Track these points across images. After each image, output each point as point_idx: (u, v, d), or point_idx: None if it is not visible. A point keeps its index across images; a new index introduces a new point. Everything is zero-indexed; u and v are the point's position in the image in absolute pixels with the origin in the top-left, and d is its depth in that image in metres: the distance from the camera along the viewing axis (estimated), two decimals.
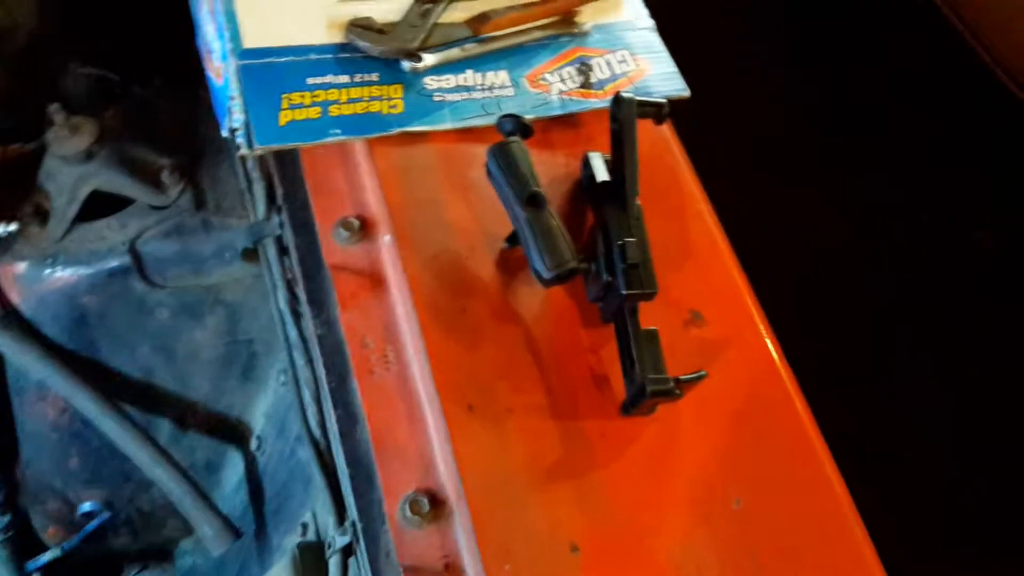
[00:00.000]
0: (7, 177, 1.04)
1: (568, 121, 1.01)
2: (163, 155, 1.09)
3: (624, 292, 0.82)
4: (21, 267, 1.04)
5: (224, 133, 0.99)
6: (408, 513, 0.80)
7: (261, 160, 1.07)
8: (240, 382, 1.19)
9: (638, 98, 0.92)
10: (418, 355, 0.87)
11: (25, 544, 1.20)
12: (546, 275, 0.82)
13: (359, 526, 0.83)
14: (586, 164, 0.94)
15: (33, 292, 1.05)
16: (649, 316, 0.84)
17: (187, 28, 1.10)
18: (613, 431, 0.83)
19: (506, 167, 0.87)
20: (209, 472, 1.23)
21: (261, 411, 1.20)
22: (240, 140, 0.91)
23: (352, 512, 0.85)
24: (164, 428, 1.17)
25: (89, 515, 1.23)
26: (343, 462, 0.87)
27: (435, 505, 0.81)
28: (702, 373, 0.78)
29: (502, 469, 0.80)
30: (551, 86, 1.02)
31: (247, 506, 1.19)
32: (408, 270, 0.90)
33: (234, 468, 1.22)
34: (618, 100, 0.91)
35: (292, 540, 1.07)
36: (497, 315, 0.89)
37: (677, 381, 0.79)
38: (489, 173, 0.89)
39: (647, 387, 0.78)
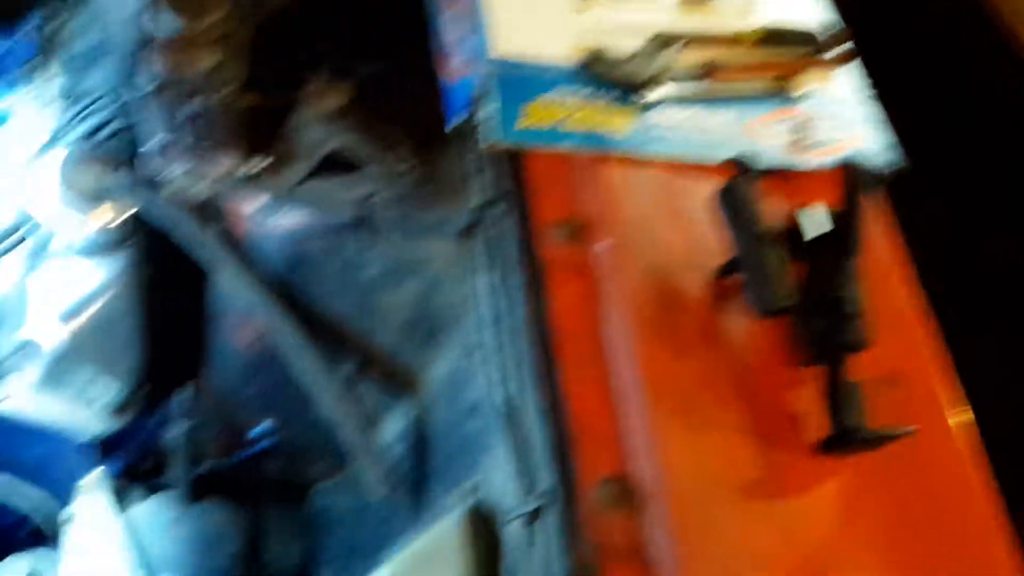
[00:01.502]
0: (261, 122, 1.14)
1: (775, 176, 1.08)
2: (400, 131, 1.18)
3: (837, 341, 0.88)
4: (253, 203, 1.14)
5: (451, 125, 1.09)
6: (605, 494, 0.88)
7: (488, 155, 1.16)
8: (421, 347, 1.27)
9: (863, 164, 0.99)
10: (627, 353, 0.95)
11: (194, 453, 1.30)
12: (765, 307, 0.90)
13: (554, 497, 0.91)
14: (803, 216, 1.01)
15: (262, 229, 1.15)
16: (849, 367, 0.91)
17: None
18: (805, 467, 0.90)
19: (744, 198, 0.94)
20: (371, 423, 1.32)
21: (436, 377, 1.28)
22: (484, 137, 1.01)
23: (546, 484, 0.93)
24: (342, 376, 1.26)
25: (255, 439, 1.33)
26: (541, 434, 0.95)
27: (629, 493, 0.88)
28: (909, 429, 0.85)
29: (700, 476, 0.87)
30: (764, 139, 1.10)
31: (402, 462, 1.27)
32: (626, 276, 0.98)
33: (395, 424, 1.31)
34: (848, 164, 0.98)
35: (452, 501, 1.16)
36: (704, 333, 0.97)
37: (881, 434, 0.86)
38: (723, 201, 0.96)
39: (853, 434, 0.85)
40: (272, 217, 1.14)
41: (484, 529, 1.03)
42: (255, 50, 1.13)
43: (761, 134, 1.10)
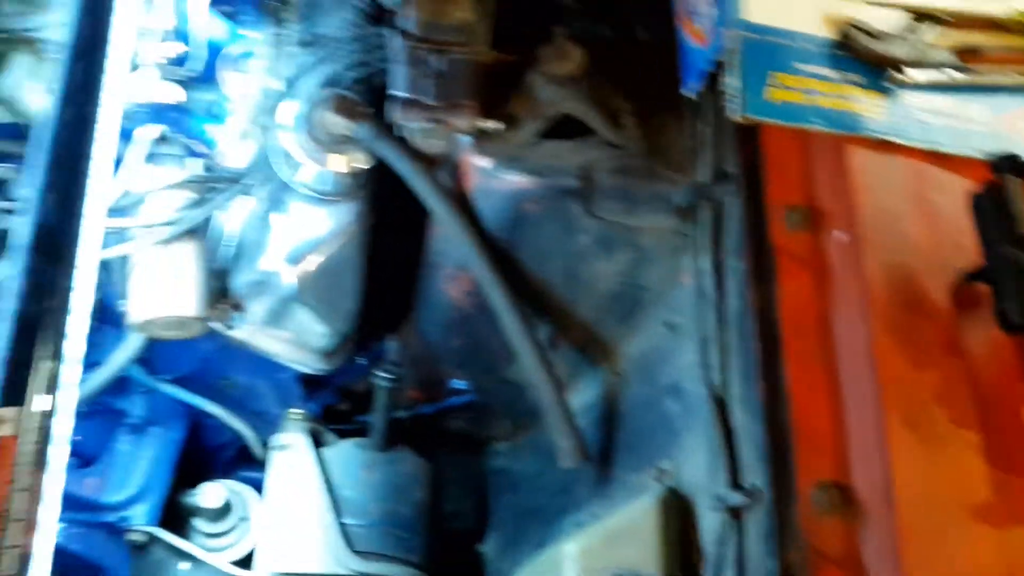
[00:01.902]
0: (497, 79, 1.15)
1: None
2: (628, 99, 1.16)
3: None
4: (484, 161, 1.15)
5: (686, 91, 1.06)
6: (822, 498, 0.84)
7: (716, 127, 1.12)
8: (619, 320, 1.26)
9: None
10: (861, 355, 0.90)
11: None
12: (1017, 320, 0.82)
13: (764, 494, 0.88)
14: None
15: (486, 186, 1.16)
16: None
17: None
18: None
19: (999, 204, 0.87)
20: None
21: (629, 352, 1.27)
22: (731, 105, 0.96)
23: (756, 479, 0.91)
24: (540, 337, 1.26)
25: (454, 391, 1.36)
26: (756, 429, 0.92)
27: (847, 500, 0.84)
28: None
29: (932, 492, 0.82)
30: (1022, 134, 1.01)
31: (587, 432, 1.26)
32: (866, 271, 0.93)
33: (587, 394, 1.30)
34: None
35: (642, 480, 1.14)
36: (947, 344, 0.90)
37: None
38: (978, 204, 0.89)
39: None
40: (498, 175, 1.15)
41: (680, 514, 1.01)
42: (498, 5, 1.13)
43: (1019, 128, 1.02)
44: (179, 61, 1.33)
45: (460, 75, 1.07)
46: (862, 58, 1.01)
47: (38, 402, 0.82)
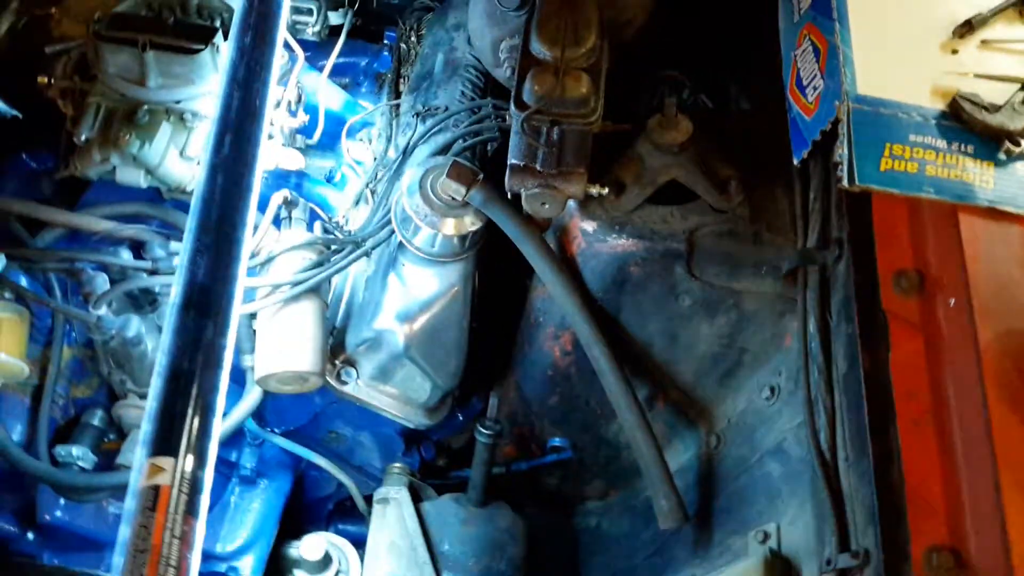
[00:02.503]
0: (608, 146, 1.20)
1: None
2: (734, 166, 1.19)
3: None
4: (590, 225, 1.20)
5: (796, 161, 1.09)
6: (935, 561, 0.84)
7: (823, 195, 1.15)
8: (719, 382, 1.28)
9: None
10: (975, 420, 0.90)
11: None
12: None
13: (875, 557, 0.88)
14: None
15: (592, 248, 1.20)
16: None
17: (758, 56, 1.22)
18: None
19: None
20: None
21: (728, 413, 1.28)
22: (841, 174, 0.99)
23: (866, 542, 0.91)
24: (639, 396, 1.29)
25: (554, 448, 1.38)
26: (866, 492, 0.93)
27: (961, 565, 0.84)
28: None
29: None
30: None
31: (684, 493, 1.27)
32: (979, 337, 0.93)
33: (684, 455, 1.32)
34: None
35: (744, 542, 1.15)
36: None
37: None
38: None
39: None
40: (604, 238, 1.19)
41: (779, 573, 1.02)
42: (610, 77, 1.18)
43: None
44: (302, 130, 1.43)
45: (572, 144, 1.13)
46: (975, 130, 1.03)
47: (189, 453, 0.87)
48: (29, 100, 1.38)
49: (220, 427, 0.92)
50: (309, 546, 1.33)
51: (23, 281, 1.22)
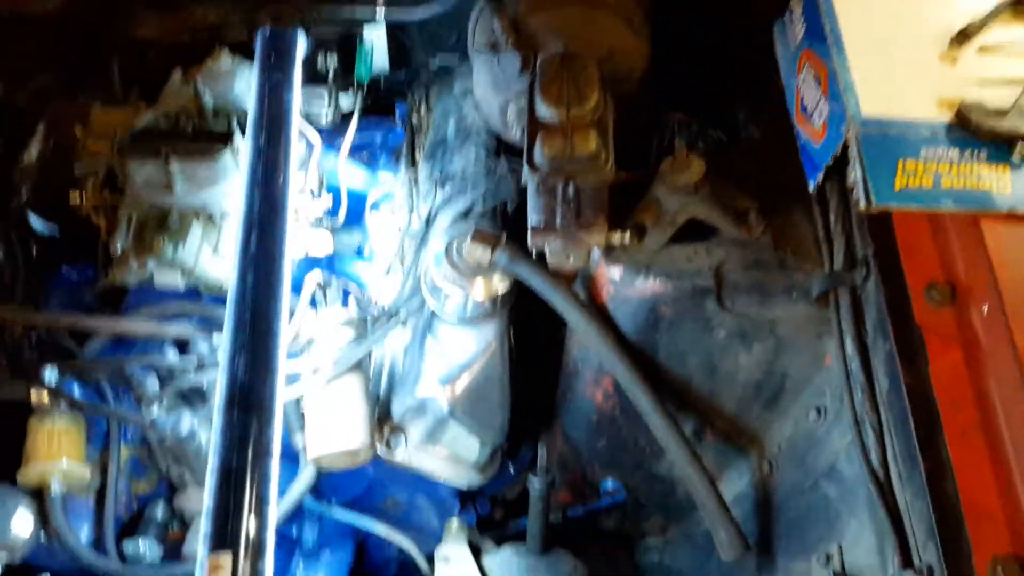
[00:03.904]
0: (620, 195, 1.22)
1: None
2: (750, 197, 1.22)
3: None
4: (616, 271, 1.22)
5: (811, 187, 1.11)
6: (1000, 572, 0.84)
7: (844, 216, 1.16)
8: (764, 408, 1.28)
9: None
10: (1022, 427, 0.91)
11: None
12: None
13: (940, 571, 0.88)
14: None
15: (621, 293, 1.22)
16: None
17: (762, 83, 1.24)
18: None
19: None
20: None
21: (777, 439, 1.29)
22: (858, 196, 1.01)
23: (928, 557, 0.91)
24: (686, 431, 1.30)
25: (607, 492, 1.40)
26: (923, 507, 0.93)
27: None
28: None
29: None
30: None
31: (743, 521, 1.27)
32: (1018, 342, 0.94)
33: (738, 484, 1.32)
34: None
35: (804, 567, 1.15)
36: None
37: None
38: None
39: None
40: (632, 283, 1.21)
41: None
42: (618, 127, 1.21)
43: None
44: (327, 212, 1.47)
45: (589, 198, 1.16)
46: (985, 137, 1.04)
47: (247, 546, 0.90)
48: (64, 217, 1.45)
49: (276, 515, 0.95)
50: None
51: (76, 390, 1.27)
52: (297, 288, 1.30)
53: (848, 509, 1.11)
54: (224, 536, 0.90)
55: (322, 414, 1.21)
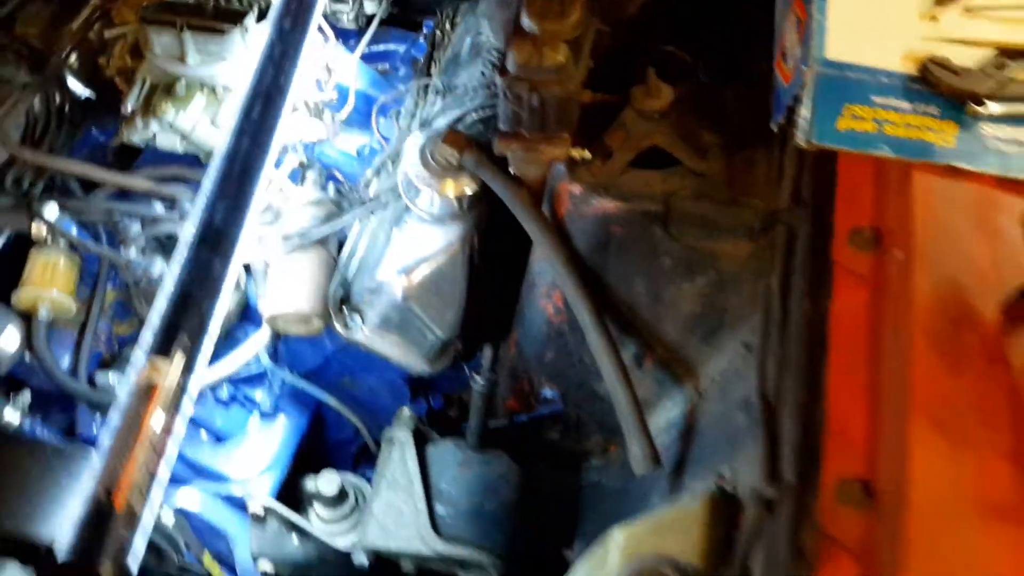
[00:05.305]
0: (590, 116, 1.27)
1: None
2: (714, 133, 1.25)
3: None
4: (577, 187, 1.27)
5: (773, 125, 1.14)
6: (842, 492, 0.88)
7: (799, 158, 1.19)
8: (702, 341, 1.33)
9: None
10: (900, 363, 0.94)
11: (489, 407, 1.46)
12: None
13: (793, 486, 0.93)
14: None
15: (578, 209, 1.28)
16: None
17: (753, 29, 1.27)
18: None
19: None
20: (646, 407, 1.39)
21: (711, 372, 1.33)
22: (799, 133, 1.04)
23: (788, 475, 0.96)
24: (626, 356, 1.35)
25: (546, 401, 1.46)
26: (792, 429, 0.98)
27: (869, 495, 0.88)
28: None
29: (951, 492, 0.84)
30: None
31: (668, 447, 1.33)
32: (915, 286, 0.97)
33: (670, 412, 1.37)
34: None
35: (702, 485, 1.21)
36: (988, 354, 0.93)
37: None
38: None
39: None
40: (589, 200, 1.26)
41: (729, 512, 1.07)
42: (600, 51, 1.26)
43: None
44: (332, 107, 1.56)
45: (554, 110, 1.21)
46: (941, 92, 1.06)
47: (183, 359, 1.00)
48: (98, 81, 1.57)
49: (211, 346, 1.05)
50: (325, 481, 1.45)
51: (74, 231, 1.40)
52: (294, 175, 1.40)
53: (752, 437, 1.15)
54: (165, 347, 0.99)
55: (282, 279, 1.31)
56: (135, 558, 0.87)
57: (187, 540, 1.41)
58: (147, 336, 0.97)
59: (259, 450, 1.50)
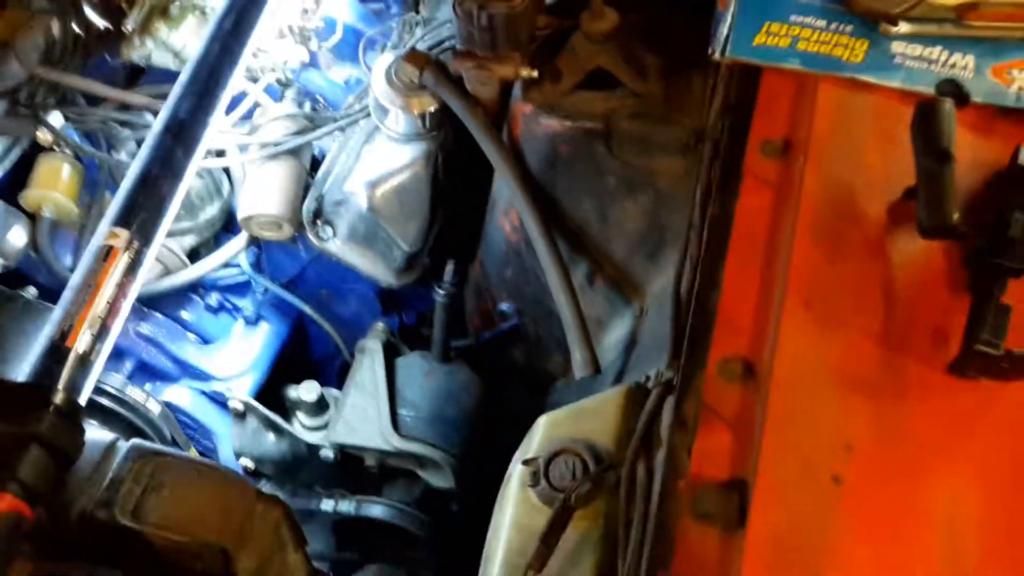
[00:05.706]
0: (549, 39, 1.35)
1: (1017, 116, 1.05)
2: (657, 56, 1.32)
3: (1000, 261, 0.87)
4: (528, 107, 1.35)
5: (710, 52, 1.21)
6: (724, 370, 0.96)
7: (729, 76, 1.25)
8: (647, 259, 1.40)
9: None
10: (785, 250, 1.01)
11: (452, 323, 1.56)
12: (926, 224, 0.91)
13: (682, 366, 1.00)
14: (1020, 151, 0.99)
15: (530, 128, 1.36)
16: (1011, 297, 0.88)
17: None
18: (929, 382, 0.90)
19: (928, 121, 0.96)
20: (598, 326, 1.47)
21: (655, 289, 1.40)
22: (716, 49, 1.12)
23: (681, 357, 1.03)
24: (577, 276, 1.42)
25: (504, 315, 1.55)
26: (689, 319, 1.05)
27: (749, 372, 0.95)
28: None
29: (814, 363, 0.92)
30: (1014, 81, 1.07)
31: (613, 363, 1.41)
32: (806, 185, 1.04)
33: (619, 330, 1.45)
34: None
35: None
36: (869, 247, 0.99)
37: (1009, 353, 0.84)
38: (913, 124, 0.98)
39: (976, 345, 0.84)
40: (539, 119, 1.34)
41: (640, 399, 1.14)
42: None
43: (1012, 77, 1.08)
44: (319, 35, 1.67)
45: (504, 31, 1.29)
46: (858, 12, 1.12)
47: (139, 233, 1.11)
48: (113, 13, 1.70)
49: (169, 223, 1.16)
50: (306, 389, 1.56)
51: (76, 138, 1.53)
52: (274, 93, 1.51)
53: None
54: (126, 219, 1.10)
55: (255, 184, 1.42)
56: (84, 395, 0.99)
57: (174, 433, 1.54)
58: (112, 209, 1.09)
59: (241, 352, 1.62)
